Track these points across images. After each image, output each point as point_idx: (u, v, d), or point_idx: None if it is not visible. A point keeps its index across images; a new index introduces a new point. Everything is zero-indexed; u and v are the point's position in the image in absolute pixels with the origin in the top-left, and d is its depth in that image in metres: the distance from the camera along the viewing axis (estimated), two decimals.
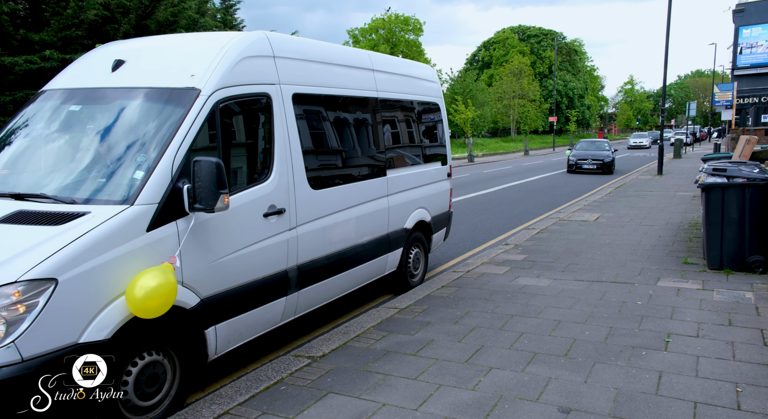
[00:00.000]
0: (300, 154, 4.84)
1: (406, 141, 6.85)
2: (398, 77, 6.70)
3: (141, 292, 3.25)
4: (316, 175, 5.10)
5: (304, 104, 5.02)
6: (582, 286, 6.65)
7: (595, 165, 25.12)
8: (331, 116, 5.43)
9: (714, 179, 7.30)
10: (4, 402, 2.90)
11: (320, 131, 5.29)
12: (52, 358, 3.02)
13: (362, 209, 5.75)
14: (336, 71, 5.51)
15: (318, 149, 5.20)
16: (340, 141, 5.55)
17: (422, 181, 7.09)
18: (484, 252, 8.91)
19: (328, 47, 5.59)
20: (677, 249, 8.59)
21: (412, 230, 6.85)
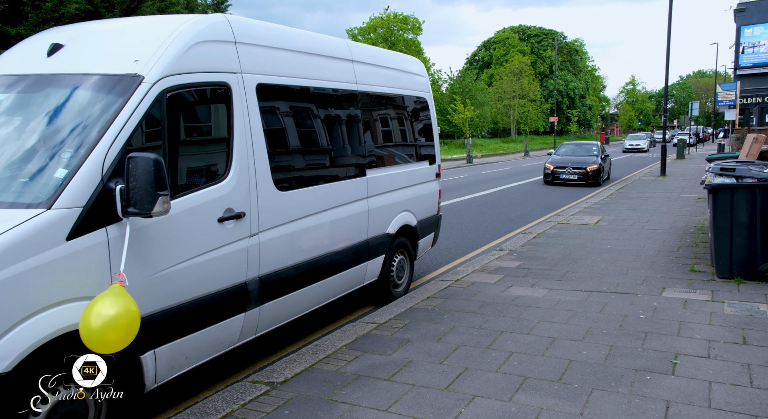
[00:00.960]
0: (264, 151, 4.31)
1: (390, 138, 6.32)
2: (381, 69, 6.17)
3: (97, 323, 2.77)
4: (284, 175, 4.57)
5: (271, 96, 4.48)
6: (580, 297, 6.11)
7: (577, 174, 19.75)
8: (302, 110, 4.90)
9: (722, 180, 6.76)
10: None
11: (289, 127, 4.76)
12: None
13: (337, 213, 5.21)
14: (309, 61, 4.98)
15: (286, 147, 4.66)
16: (313, 138, 5.01)
17: (407, 182, 6.56)
18: (476, 259, 8.38)
19: (299, 34, 5.05)
20: (683, 255, 8.05)
21: (395, 235, 6.31)
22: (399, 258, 6.52)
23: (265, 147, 4.31)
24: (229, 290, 4.02)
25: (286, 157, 4.65)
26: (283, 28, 4.87)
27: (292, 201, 4.63)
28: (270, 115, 4.45)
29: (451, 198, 16.35)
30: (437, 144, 7.40)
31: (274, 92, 4.52)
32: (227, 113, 4.03)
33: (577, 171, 19.79)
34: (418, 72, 7.06)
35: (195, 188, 3.75)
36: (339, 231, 5.26)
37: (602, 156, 20.64)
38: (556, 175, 20.13)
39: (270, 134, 4.41)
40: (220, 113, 4.03)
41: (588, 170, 19.62)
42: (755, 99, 43.33)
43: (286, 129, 4.67)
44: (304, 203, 4.77)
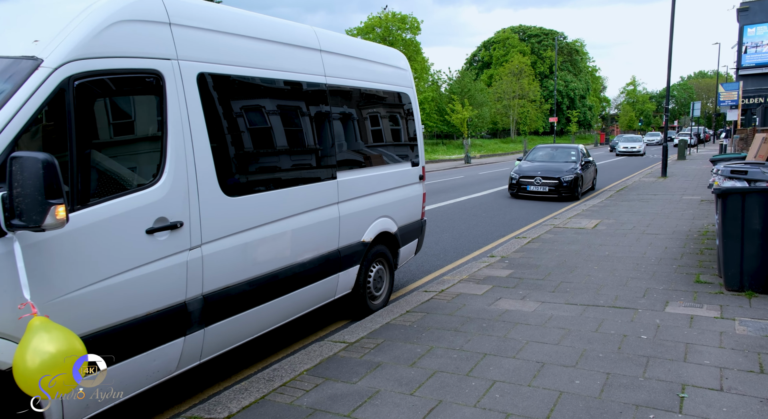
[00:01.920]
0: (208, 151, 3.74)
1: (365, 138, 5.74)
2: (356, 61, 5.60)
3: (35, 362, 2.39)
4: (233, 178, 4.00)
5: (217, 88, 3.91)
6: (574, 312, 5.54)
7: (547, 186, 15.76)
8: (257, 105, 4.32)
9: (732, 183, 6.19)
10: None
11: (242, 123, 4.18)
12: None
13: (301, 220, 4.64)
14: (266, 49, 4.39)
15: (237, 146, 4.09)
16: (271, 136, 4.42)
17: (386, 185, 5.99)
18: (465, 266, 7.80)
19: (254, 18, 4.45)
20: (687, 263, 7.47)
21: (372, 243, 5.75)
22: (377, 268, 5.95)
23: (209, 147, 3.74)
24: (164, 312, 3.45)
25: (237, 159, 4.07)
26: (234, 10, 4.29)
27: (245, 208, 4.06)
28: (216, 110, 3.87)
29: (446, 199, 15.79)
30: (421, 144, 6.83)
31: (222, 83, 3.94)
32: (159, 106, 3.45)
33: (548, 182, 15.77)
34: (400, 65, 6.49)
35: (115, 195, 3.17)
36: (304, 240, 4.69)
37: (583, 162, 16.77)
38: (522, 186, 16.06)
39: (216, 132, 3.84)
40: (149, 106, 3.46)
41: (562, 181, 15.60)
42: (758, 99, 42.84)
43: (236, 126, 4.09)
44: (260, 210, 4.20)
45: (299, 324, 5.67)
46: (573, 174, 15.84)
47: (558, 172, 15.99)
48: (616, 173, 25.35)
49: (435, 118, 54.42)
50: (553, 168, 16.31)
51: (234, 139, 4.04)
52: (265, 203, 4.24)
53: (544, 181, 15.82)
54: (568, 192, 15.63)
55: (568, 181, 15.63)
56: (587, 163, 17.36)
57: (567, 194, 15.63)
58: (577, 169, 16.17)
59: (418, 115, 6.78)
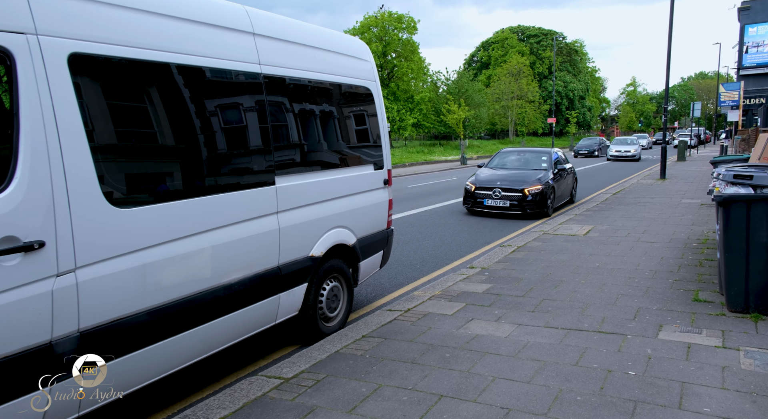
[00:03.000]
0: (86, 152, 3.00)
1: (316, 137, 5.00)
2: (304, 49, 4.86)
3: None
4: (124, 185, 3.27)
5: (102, 73, 3.17)
6: (554, 338, 4.80)
7: (508, 200, 12.66)
8: (161, 95, 3.57)
9: (735, 189, 5.45)
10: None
11: (138, 118, 3.44)
12: None
13: (226, 234, 3.90)
14: (174, 28, 3.62)
15: (129, 145, 3.35)
16: (178, 134, 3.66)
17: (342, 191, 5.26)
18: (440, 279, 7.06)
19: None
20: (685, 277, 6.73)
21: (323, 258, 5.02)
22: (331, 285, 5.21)
23: (87, 146, 3.00)
24: (18, 356, 2.71)
25: (129, 161, 3.34)
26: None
27: (142, 221, 3.32)
28: (98, 101, 3.13)
29: (434, 203, 15.06)
30: (386, 144, 6.09)
31: (107, 68, 3.20)
32: (9, 94, 2.72)
33: (510, 195, 12.63)
34: (361, 56, 5.75)
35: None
36: (229, 258, 3.95)
37: (556, 170, 13.80)
38: (479, 199, 12.92)
39: (99, 128, 3.11)
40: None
41: (526, 194, 12.51)
42: (759, 99, 42.20)
43: (129, 121, 3.36)
44: (165, 224, 3.46)
45: (241, 349, 4.94)
46: (541, 185, 12.73)
47: (522, 182, 12.84)
48: (607, 177, 24.54)
49: (432, 119, 53.74)
50: (518, 177, 13.19)
51: (125, 137, 3.30)
52: (172, 215, 3.50)
53: (505, 194, 12.66)
54: (535, 207, 12.53)
55: (535, 193, 12.52)
56: (562, 171, 14.18)
57: (533, 209, 12.54)
58: (548, 179, 13.10)
59: (382, 112, 6.04)
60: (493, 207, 12.87)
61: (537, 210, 12.59)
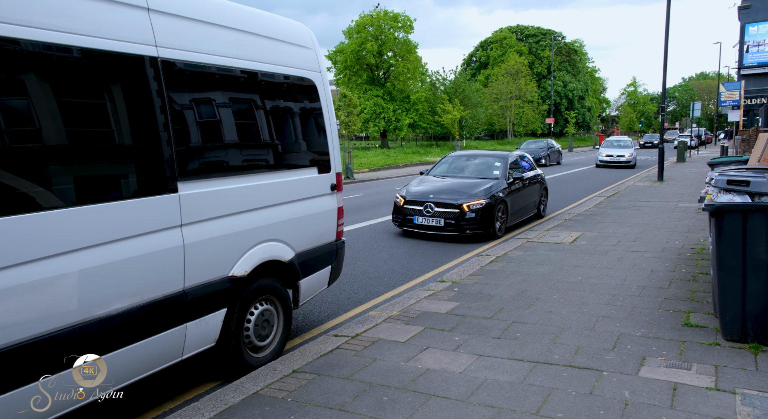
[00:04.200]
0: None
1: (237, 135, 4.26)
2: (218, 30, 4.10)
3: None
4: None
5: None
6: (517, 374, 4.06)
7: (443, 218, 9.90)
8: (6, 79, 2.84)
9: (729, 197, 4.72)
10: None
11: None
12: None
13: (98, 255, 3.16)
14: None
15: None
16: (33, 127, 2.91)
17: (274, 199, 4.53)
18: (404, 295, 6.34)
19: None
20: (676, 294, 5.99)
21: (250, 278, 4.29)
22: (261, 309, 4.48)
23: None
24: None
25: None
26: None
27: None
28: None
29: None
30: (334, 144, 5.36)
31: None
32: None
33: (444, 211, 9.86)
34: (300, 42, 5.01)
35: None
36: (104, 284, 3.21)
37: (512, 178, 10.99)
38: (408, 216, 10.19)
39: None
40: None
41: (465, 209, 9.74)
42: (760, 99, 41.54)
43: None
44: (7, 242, 2.74)
45: (155, 381, 4.21)
46: (485, 198, 9.93)
47: (461, 194, 10.05)
48: (597, 181, 23.76)
49: (428, 119, 52.99)
50: (457, 188, 10.38)
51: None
52: (17, 231, 2.77)
53: (438, 211, 9.88)
54: (476, 226, 9.78)
55: (476, 209, 9.77)
56: (519, 180, 11.29)
57: (474, 230, 9.79)
58: (497, 190, 10.32)
59: (330, 107, 5.32)
60: (425, 226, 10.00)
61: (480, 230, 9.84)
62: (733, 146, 31.25)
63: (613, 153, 28.96)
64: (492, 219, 9.98)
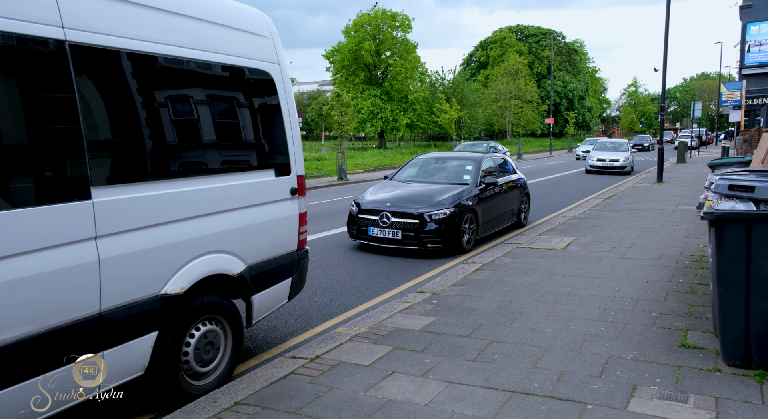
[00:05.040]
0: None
1: (173, 133, 3.75)
2: (147, 12, 3.57)
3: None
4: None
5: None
6: (489, 408, 3.56)
7: (400, 230, 8.65)
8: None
9: (732, 204, 4.21)
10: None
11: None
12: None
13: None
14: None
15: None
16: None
17: (220, 205, 4.03)
18: (378, 309, 5.84)
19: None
20: (672, 309, 5.48)
21: (189, 295, 3.78)
22: (205, 330, 3.98)
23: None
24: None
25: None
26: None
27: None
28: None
29: None
30: (295, 144, 4.85)
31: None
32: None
33: (402, 222, 8.64)
34: (255, 29, 4.50)
35: None
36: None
37: (483, 184, 9.68)
38: (363, 226, 8.95)
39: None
40: None
41: (425, 219, 8.55)
42: (762, 99, 41.08)
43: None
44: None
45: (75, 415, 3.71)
46: (449, 207, 8.70)
47: (422, 202, 8.81)
48: (587, 186, 23.21)
49: (426, 119, 52.49)
50: (418, 195, 9.12)
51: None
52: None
53: (396, 221, 8.64)
54: (439, 239, 8.55)
55: (439, 219, 8.53)
56: (493, 186, 9.95)
57: (436, 243, 8.56)
58: (465, 197, 9.07)
59: (291, 103, 4.81)
60: (380, 239, 8.74)
61: (443, 244, 8.59)
62: (735, 147, 30.74)
63: (605, 157, 25.39)
64: (457, 230, 8.71)
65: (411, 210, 8.68)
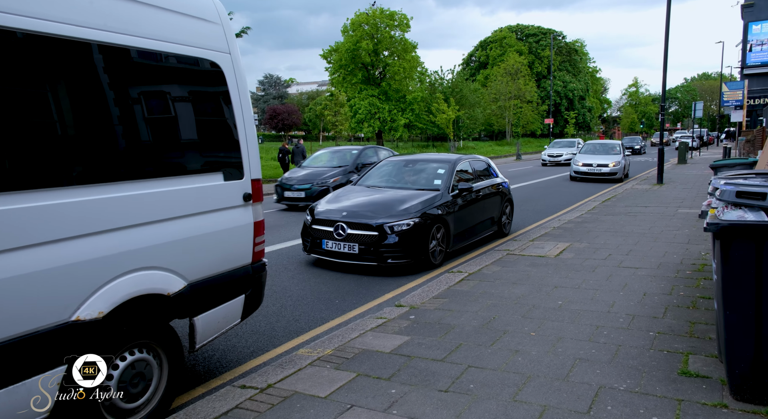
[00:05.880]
0: None
1: (92, 129, 3.21)
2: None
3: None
4: None
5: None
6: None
7: (357, 243, 7.57)
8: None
9: (740, 214, 3.67)
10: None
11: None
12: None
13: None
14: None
15: None
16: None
17: (150, 214, 3.51)
18: (349, 326, 5.32)
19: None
20: (672, 327, 4.95)
21: (110, 320, 3.25)
22: (132, 359, 3.45)
23: None
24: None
25: None
26: None
27: None
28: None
29: None
30: (249, 144, 4.31)
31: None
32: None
33: (359, 234, 7.60)
34: (199, 14, 3.96)
35: None
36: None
37: (457, 190, 8.64)
38: (317, 239, 7.92)
39: None
40: None
41: (386, 231, 7.50)
42: (764, 99, 40.59)
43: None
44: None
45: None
46: (414, 217, 7.64)
47: (383, 212, 7.75)
48: (584, 188, 22.65)
49: (424, 119, 51.91)
50: (381, 204, 8.03)
51: None
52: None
53: (352, 233, 7.59)
54: (401, 254, 7.47)
55: (402, 231, 7.46)
56: (468, 192, 8.89)
57: (398, 258, 7.46)
58: (433, 206, 8.01)
59: (245, 97, 4.28)
60: (335, 253, 7.68)
61: (406, 259, 7.50)
62: (736, 147, 30.20)
63: (592, 161, 21.62)
64: (423, 243, 7.63)
65: (369, 220, 7.62)
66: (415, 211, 7.78)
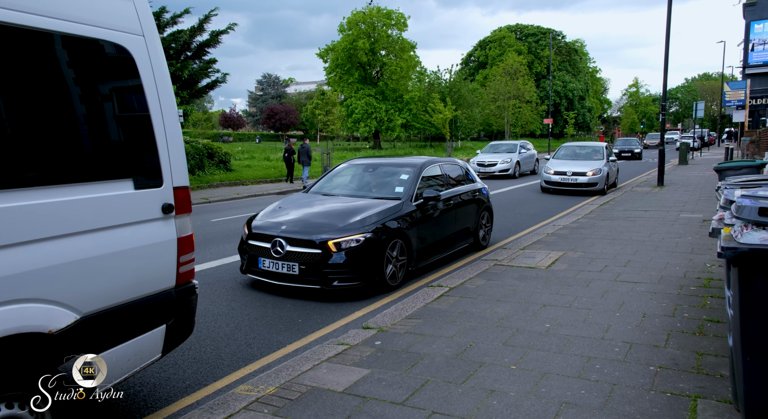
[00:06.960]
0: None
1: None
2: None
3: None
4: None
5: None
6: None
7: (297, 263, 6.33)
8: None
9: (763, 236, 2.96)
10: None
11: None
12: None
13: None
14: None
15: None
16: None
17: (27, 233, 2.80)
18: (305, 353, 4.61)
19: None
20: (675, 360, 4.24)
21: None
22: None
23: None
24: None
25: None
26: None
27: None
28: None
29: None
30: (170, 145, 3.60)
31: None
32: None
33: (299, 252, 6.37)
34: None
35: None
36: None
37: (422, 200, 7.45)
38: (254, 256, 6.72)
39: None
40: None
41: (331, 249, 6.30)
42: (765, 100, 39.92)
43: None
44: None
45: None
46: (366, 232, 6.48)
47: (329, 225, 6.60)
48: None
49: (422, 119, 51.19)
50: (329, 215, 6.90)
51: None
52: None
53: (292, 251, 6.42)
54: (349, 275, 6.35)
55: (350, 248, 6.34)
56: (435, 200, 7.74)
57: (345, 281, 6.34)
58: (390, 218, 6.86)
59: (165, 88, 3.57)
60: (272, 274, 6.54)
61: (354, 281, 6.36)
62: (739, 148, 29.48)
63: (566, 169, 17.60)
64: (377, 262, 6.46)
65: (312, 236, 6.39)
66: (368, 224, 6.58)
